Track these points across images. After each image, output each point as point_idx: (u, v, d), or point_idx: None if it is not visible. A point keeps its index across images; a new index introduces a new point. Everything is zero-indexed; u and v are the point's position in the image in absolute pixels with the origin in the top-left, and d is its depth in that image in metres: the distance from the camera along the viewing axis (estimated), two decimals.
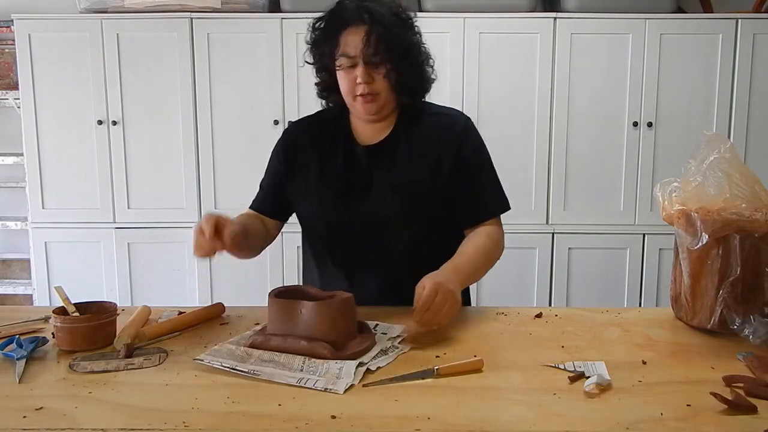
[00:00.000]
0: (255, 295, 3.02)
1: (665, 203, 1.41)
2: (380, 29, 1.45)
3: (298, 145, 1.63)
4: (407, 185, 1.53)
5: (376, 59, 1.46)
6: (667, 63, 3.06)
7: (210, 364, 1.18)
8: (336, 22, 1.50)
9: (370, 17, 1.45)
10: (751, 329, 1.29)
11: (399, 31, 1.49)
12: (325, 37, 1.52)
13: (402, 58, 1.48)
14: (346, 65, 1.48)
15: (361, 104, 1.50)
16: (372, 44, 1.45)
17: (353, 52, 1.46)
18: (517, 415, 1.02)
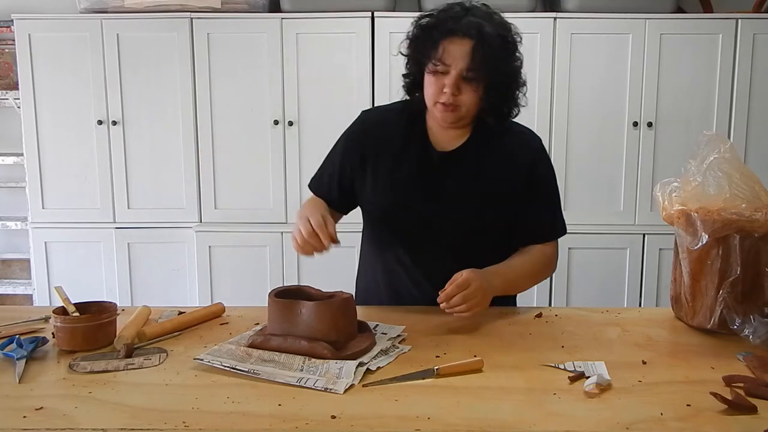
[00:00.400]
0: (255, 295, 3.02)
1: (665, 203, 1.41)
2: (485, 49, 1.42)
3: (372, 137, 1.61)
4: (476, 196, 1.54)
5: (470, 75, 1.44)
6: (667, 63, 3.05)
7: (210, 363, 1.18)
8: (443, 26, 1.45)
9: (479, 34, 1.42)
10: (751, 329, 1.29)
11: (502, 55, 1.46)
12: (427, 37, 1.47)
13: (497, 82, 1.46)
14: (439, 71, 1.45)
15: (441, 111, 1.48)
16: (472, 61, 1.42)
17: (450, 62, 1.43)
18: (517, 415, 1.02)
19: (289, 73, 3.10)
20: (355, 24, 3.05)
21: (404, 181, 1.55)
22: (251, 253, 3.17)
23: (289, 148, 3.14)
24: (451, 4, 1.49)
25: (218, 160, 3.18)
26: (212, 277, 3.20)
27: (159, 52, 3.12)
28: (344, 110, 3.10)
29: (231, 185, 3.20)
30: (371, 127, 1.63)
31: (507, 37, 1.47)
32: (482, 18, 1.45)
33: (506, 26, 1.49)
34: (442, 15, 1.47)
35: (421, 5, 3.11)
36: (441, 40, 1.44)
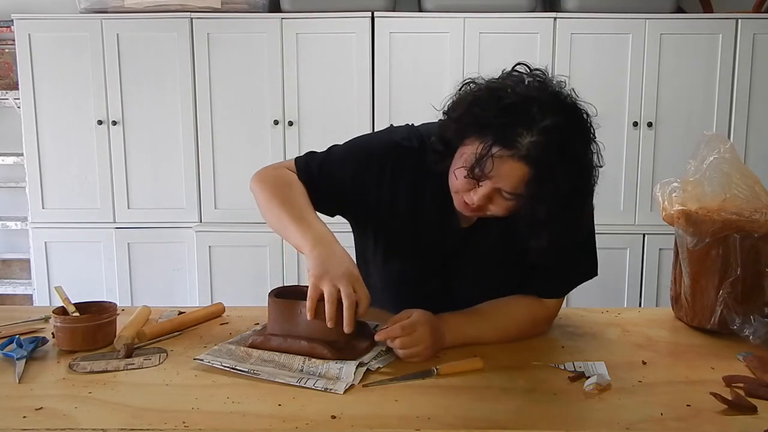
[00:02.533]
0: (255, 295, 3.02)
1: (665, 203, 1.41)
2: (544, 179, 1.13)
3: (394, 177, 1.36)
4: (495, 266, 1.37)
5: (510, 197, 1.18)
6: (667, 63, 3.05)
7: (210, 364, 1.18)
8: (501, 131, 1.13)
9: (539, 166, 1.12)
10: (751, 329, 1.29)
11: (563, 203, 1.16)
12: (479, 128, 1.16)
13: (550, 210, 1.18)
14: (476, 176, 1.16)
15: (461, 206, 1.25)
16: (520, 190, 1.15)
17: (493, 176, 1.15)
18: (517, 415, 1.02)
19: (289, 73, 3.10)
20: (355, 24, 3.05)
21: (419, 251, 1.38)
22: (251, 253, 3.17)
23: (289, 148, 3.14)
24: (524, 94, 1.16)
25: (218, 160, 3.18)
26: (212, 277, 3.20)
27: (159, 52, 3.12)
28: (344, 110, 3.11)
29: (231, 185, 3.20)
30: (397, 168, 1.35)
31: (575, 183, 1.18)
32: (556, 138, 1.13)
33: (579, 161, 1.19)
34: (505, 119, 1.13)
35: (421, 5, 3.12)
36: (491, 148, 1.13)
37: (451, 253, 1.38)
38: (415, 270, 1.41)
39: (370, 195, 1.37)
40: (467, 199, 1.22)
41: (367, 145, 1.42)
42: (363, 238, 1.49)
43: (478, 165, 1.15)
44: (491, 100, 1.16)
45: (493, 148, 1.13)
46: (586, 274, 1.43)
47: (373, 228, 1.43)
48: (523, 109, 1.14)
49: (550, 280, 1.37)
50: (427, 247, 1.38)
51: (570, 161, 1.16)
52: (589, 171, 1.24)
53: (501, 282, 1.38)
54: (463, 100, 1.22)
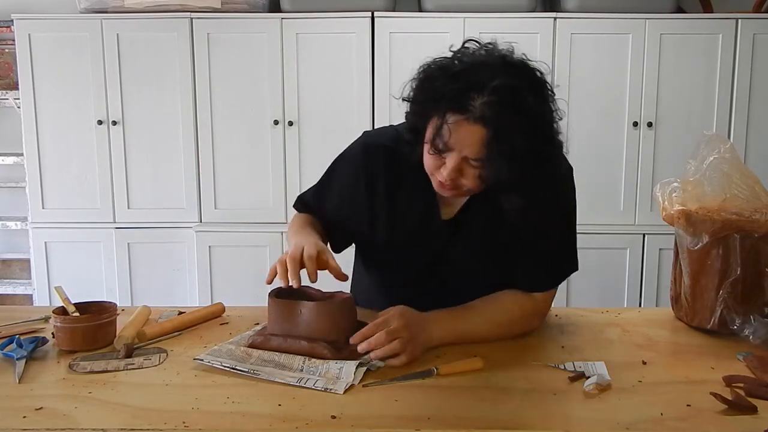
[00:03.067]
0: (255, 295, 3.02)
1: (665, 203, 1.41)
2: (501, 144, 1.15)
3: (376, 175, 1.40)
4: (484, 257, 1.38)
5: (477, 165, 1.20)
6: (667, 63, 3.06)
7: (210, 363, 1.18)
8: (452, 99, 1.16)
9: (498, 124, 1.14)
10: (751, 329, 1.29)
11: (524, 148, 1.16)
12: (431, 108, 1.20)
13: (513, 182, 1.21)
14: (440, 149, 1.20)
15: (438, 187, 1.28)
16: (482, 153, 1.17)
17: (454, 145, 1.18)
18: (517, 415, 1.02)
19: (289, 73, 3.10)
20: (355, 24, 3.05)
21: (403, 243, 1.40)
22: (251, 253, 3.17)
23: (289, 148, 3.14)
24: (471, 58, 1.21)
25: (218, 160, 3.18)
26: (212, 277, 3.20)
27: (159, 52, 3.12)
28: (344, 110, 3.11)
29: (231, 185, 3.20)
30: (373, 167, 1.40)
31: (533, 133, 1.18)
32: (507, 96, 1.15)
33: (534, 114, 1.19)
34: (454, 83, 1.17)
35: (421, 5, 3.12)
36: (446, 116, 1.17)
37: (436, 246, 1.39)
38: (405, 267, 1.43)
39: (354, 201, 1.42)
40: (440, 177, 1.24)
41: (343, 157, 1.47)
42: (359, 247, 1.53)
43: (438, 136, 1.18)
44: (441, 73, 1.20)
45: (448, 116, 1.16)
46: (569, 268, 1.43)
47: (362, 232, 1.45)
48: (472, 74, 1.17)
49: (535, 274, 1.38)
50: (412, 242, 1.40)
51: (525, 117, 1.16)
52: (546, 126, 1.24)
53: (491, 270, 1.39)
54: (416, 81, 1.25)
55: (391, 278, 1.49)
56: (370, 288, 1.56)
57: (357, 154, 1.43)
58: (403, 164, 1.34)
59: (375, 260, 1.52)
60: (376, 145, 1.41)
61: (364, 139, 1.46)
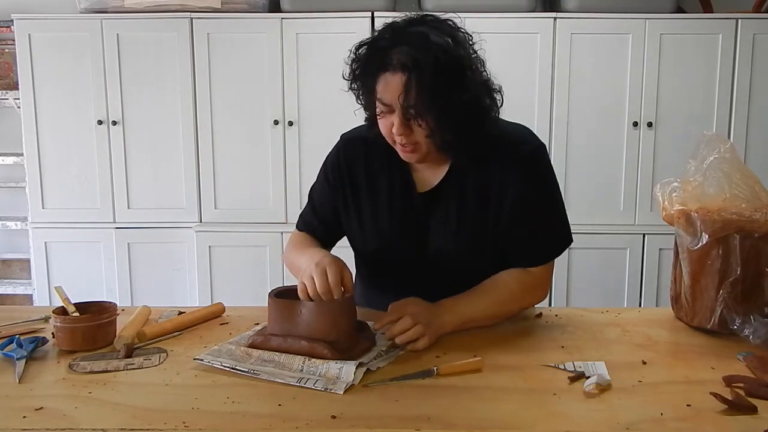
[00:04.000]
0: (255, 295, 3.02)
1: (665, 203, 1.41)
2: (420, 80, 1.23)
3: (351, 169, 1.50)
4: (463, 231, 1.42)
5: (413, 113, 1.27)
6: (667, 63, 3.05)
7: (210, 364, 1.18)
8: (374, 62, 1.30)
9: (412, 64, 1.24)
10: (751, 329, 1.29)
11: (444, 84, 1.25)
12: (362, 75, 1.34)
13: (444, 116, 1.27)
14: (384, 111, 1.31)
15: (402, 152, 1.36)
16: (410, 96, 1.25)
17: (389, 101, 1.28)
18: (517, 415, 1.02)
19: (289, 73, 3.10)
20: (355, 24, 3.05)
21: (387, 225, 1.46)
22: (251, 253, 3.17)
23: (289, 148, 3.14)
24: (387, 26, 1.32)
25: (218, 160, 3.18)
26: (212, 277, 3.20)
27: (159, 52, 3.12)
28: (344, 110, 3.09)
29: (231, 185, 3.20)
30: (351, 159, 1.50)
31: (448, 58, 1.25)
32: (418, 40, 1.26)
33: (446, 48, 1.27)
34: (373, 47, 1.31)
35: (421, 5, 3.12)
36: (375, 76, 1.30)
37: (417, 219, 1.45)
38: (391, 242, 1.47)
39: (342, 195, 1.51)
40: (396, 140, 1.33)
41: (326, 160, 1.56)
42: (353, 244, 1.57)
43: (376, 99, 1.30)
44: (364, 48, 1.34)
45: (377, 78, 1.29)
46: (562, 240, 1.47)
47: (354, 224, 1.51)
48: (387, 36, 1.30)
49: (528, 250, 1.44)
50: (394, 217, 1.46)
51: (436, 54, 1.24)
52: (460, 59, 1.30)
53: (473, 236, 1.42)
54: (349, 65, 1.38)
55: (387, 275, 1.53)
56: (369, 287, 1.59)
57: (335, 155, 1.53)
58: (378, 149, 1.44)
59: (370, 258, 1.55)
60: (352, 139, 1.53)
61: (341, 138, 1.57)
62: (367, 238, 1.51)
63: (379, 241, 1.49)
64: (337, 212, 1.53)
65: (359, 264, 1.61)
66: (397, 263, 1.49)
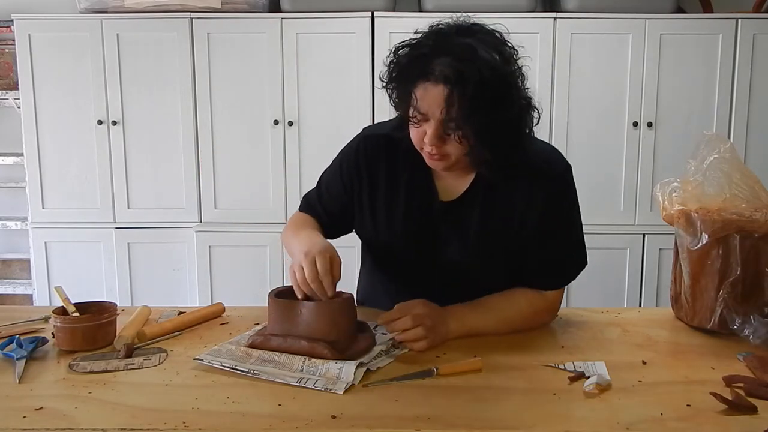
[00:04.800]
0: (255, 295, 3.02)
1: (665, 203, 1.41)
2: (463, 96, 1.20)
3: (370, 165, 1.46)
4: (480, 245, 1.40)
5: (452, 126, 1.24)
6: (667, 63, 3.05)
7: (210, 364, 1.18)
8: (415, 68, 1.25)
9: (456, 78, 1.20)
10: (751, 329, 1.29)
11: (487, 102, 1.21)
12: (400, 79, 1.30)
13: (483, 133, 1.24)
14: (419, 119, 1.27)
15: (428, 159, 1.32)
16: (451, 110, 1.21)
17: (426, 110, 1.25)
18: (517, 415, 1.02)
19: (289, 73, 3.10)
20: (355, 24, 3.05)
21: (401, 227, 1.44)
22: (251, 253, 3.17)
23: (289, 148, 3.14)
24: (431, 32, 1.28)
25: (218, 160, 3.18)
26: (212, 277, 3.20)
27: (159, 52, 3.12)
28: (344, 110, 3.11)
29: (231, 185, 3.20)
30: (372, 155, 1.45)
31: (494, 75, 1.21)
32: (464, 53, 1.22)
33: (493, 64, 1.22)
34: (416, 51, 1.27)
35: (421, 5, 3.12)
36: (415, 82, 1.25)
37: (434, 226, 1.42)
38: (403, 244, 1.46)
39: (357, 192, 1.47)
40: (426, 148, 1.29)
41: (343, 151, 1.52)
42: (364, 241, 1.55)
43: (412, 107, 1.26)
44: (405, 52, 1.30)
45: (416, 86, 1.25)
46: (578, 265, 1.45)
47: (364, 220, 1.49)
48: (431, 43, 1.26)
49: (545, 273, 1.42)
50: (410, 221, 1.43)
51: (480, 68, 1.20)
52: (506, 74, 1.27)
53: (490, 251, 1.41)
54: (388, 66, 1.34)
55: (395, 272, 1.52)
56: (376, 286, 1.59)
57: (356, 150, 1.48)
58: (402, 150, 1.40)
59: (379, 252, 1.54)
60: (375, 135, 1.48)
61: (363, 132, 1.52)
62: (380, 236, 1.48)
63: (391, 241, 1.47)
64: (345, 206, 1.50)
65: (366, 255, 1.60)
66: (406, 265, 1.48)
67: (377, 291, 1.58)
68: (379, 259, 1.57)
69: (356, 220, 1.51)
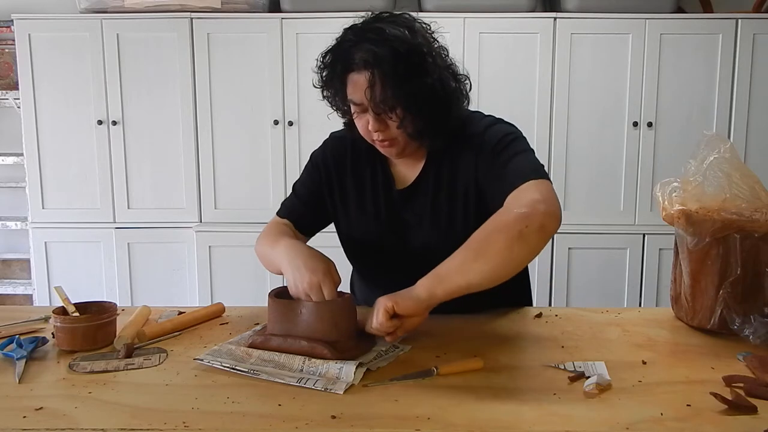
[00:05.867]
0: (255, 295, 3.02)
1: (665, 203, 1.41)
2: (383, 73, 1.27)
3: (338, 165, 1.54)
4: (439, 225, 1.44)
5: (383, 107, 1.31)
6: (667, 63, 3.06)
7: (210, 364, 1.18)
8: (339, 65, 1.35)
9: (373, 59, 1.28)
10: (751, 329, 1.29)
11: (406, 72, 1.28)
12: (331, 80, 1.39)
13: (412, 103, 1.30)
14: (357, 111, 1.36)
15: (381, 148, 1.41)
16: (376, 92, 1.29)
17: (359, 100, 1.32)
18: (517, 415, 1.02)
19: (289, 73, 3.10)
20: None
21: (371, 220, 1.50)
22: (251, 253, 3.13)
23: (289, 148, 3.14)
24: (347, 29, 1.37)
25: (218, 160, 3.18)
26: (212, 277, 3.20)
27: (159, 52, 3.12)
28: None
29: (231, 185, 3.20)
30: (339, 155, 1.54)
31: (406, 48, 1.28)
32: (375, 35, 1.29)
33: (403, 38, 1.29)
34: (336, 51, 1.35)
35: (421, 5, 3.12)
36: (343, 78, 1.34)
37: (396, 214, 1.49)
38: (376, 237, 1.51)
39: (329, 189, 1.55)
40: (373, 137, 1.37)
41: (313, 154, 1.61)
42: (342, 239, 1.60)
43: (348, 100, 1.35)
44: (329, 51, 1.38)
45: (346, 79, 1.34)
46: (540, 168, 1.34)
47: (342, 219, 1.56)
48: (349, 38, 1.34)
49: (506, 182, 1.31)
50: (377, 213, 1.50)
51: (393, 45, 1.28)
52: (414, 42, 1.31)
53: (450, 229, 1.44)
54: (317, 70, 1.43)
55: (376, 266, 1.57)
56: (363, 284, 1.64)
57: (322, 152, 1.58)
58: (363, 146, 1.47)
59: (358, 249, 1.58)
60: (340, 137, 1.56)
61: (330, 135, 1.61)
62: (353, 232, 1.54)
63: (365, 237, 1.52)
64: (323, 200, 1.56)
65: (350, 260, 1.63)
66: (385, 258, 1.52)
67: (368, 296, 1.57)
68: (356, 254, 1.60)
69: (333, 220, 1.58)
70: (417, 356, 1.24)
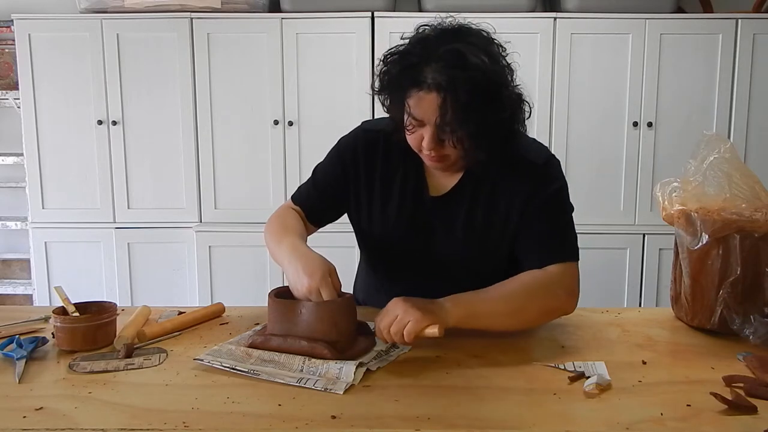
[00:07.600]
0: (255, 295, 3.02)
1: (665, 203, 1.41)
2: (456, 101, 1.22)
3: (368, 160, 1.49)
4: (469, 239, 1.42)
5: (447, 130, 1.26)
6: (667, 63, 3.05)
7: (210, 364, 1.18)
8: (406, 78, 1.27)
9: (446, 84, 1.21)
10: (751, 329, 1.29)
11: (482, 104, 1.23)
12: (392, 89, 1.32)
13: (480, 133, 1.27)
14: (415, 125, 1.29)
15: (428, 160, 1.36)
16: (445, 116, 1.24)
17: (422, 117, 1.27)
18: (517, 415, 1.02)
19: (289, 73, 3.10)
20: (355, 24, 3.05)
21: (394, 222, 1.46)
22: (251, 253, 3.17)
23: (289, 148, 3.14)
24: (417, 41, 1.29)
25: (218, 160, 3.18)
26: (212, 277, 3.20)
27: (159, 52, 3.12)
28: (344, 110, 3.11)
29: (231, 185, 3.20)
30: (370, 149, 1.48)
31: (484, 77, 1.23)
32: (453, 59, 1.23)
33: (483, 67, 1.23)
34: (405, 60, 1.28)
35: (421, 5, 3.12)
36: (407, 91, 1.27)
37: (424, 220, 1.45)
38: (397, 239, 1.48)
39: (354, 182, 1.50)
40: (425, 153, 1.32)
41: (341, 141, 1.55)
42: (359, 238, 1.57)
43: (408, 115, 1.29)
44: (395, 59, 1.30)
45: (409, 95, 1.27)
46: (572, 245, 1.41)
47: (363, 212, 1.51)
48: (420, 50, 1.27)
49: (541, 249, 1.38)
50: (402, 216, 1.46)
51: (471, 72, 1.22)
52: (496, 75, 1.27)
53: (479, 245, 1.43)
54: (378, 74, 1.34)
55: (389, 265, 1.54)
56: (371, 286, 1.60)
57: (353, 143, 1.51)
58: (398, 146, 1.41)
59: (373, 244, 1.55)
60: (374, 130, 1.50)
61: (362, 126, 1.55)
62: (373, 228, 1.50)
63: (384, 233, 1.49)
64: (342, 191, 1.51)
65: (361, 250, 1.61)
66: (400, 257, 1.50)
67: (372, 288, 1.59)
68: (373, 251, 1.58)
69: (351, 209, 1.54)
70: (417, 356, 1.24)
